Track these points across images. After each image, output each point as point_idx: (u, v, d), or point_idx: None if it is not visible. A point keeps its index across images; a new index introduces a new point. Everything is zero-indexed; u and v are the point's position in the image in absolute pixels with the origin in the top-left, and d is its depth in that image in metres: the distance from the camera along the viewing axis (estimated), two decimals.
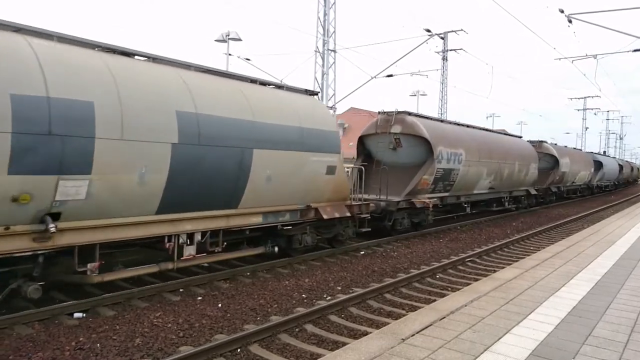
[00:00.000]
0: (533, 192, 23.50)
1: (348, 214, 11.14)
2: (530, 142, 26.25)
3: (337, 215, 10.72)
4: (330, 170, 10.45)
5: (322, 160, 10.22)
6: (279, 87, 10.34)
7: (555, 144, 29.88)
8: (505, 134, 22.43)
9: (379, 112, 15.45)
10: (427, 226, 15.19)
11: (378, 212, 12.96)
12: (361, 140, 15.68)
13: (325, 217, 10.36)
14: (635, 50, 20.70)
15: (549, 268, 7.92)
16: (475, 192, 17.87)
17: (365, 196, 13.18)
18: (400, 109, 15.05)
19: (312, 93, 11.18)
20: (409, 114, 15.01)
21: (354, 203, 11.71)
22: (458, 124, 17.90)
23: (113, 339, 5.84)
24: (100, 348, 5.55)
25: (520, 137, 24.40)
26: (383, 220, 13.36)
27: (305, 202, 10.06)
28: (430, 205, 14.39)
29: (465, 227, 17.18)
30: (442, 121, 16.88)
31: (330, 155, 10.45)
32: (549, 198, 27.17)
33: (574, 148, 35.94)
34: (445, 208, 18.18)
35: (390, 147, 14.71)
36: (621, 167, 50.11)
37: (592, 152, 41.98)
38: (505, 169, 19.40)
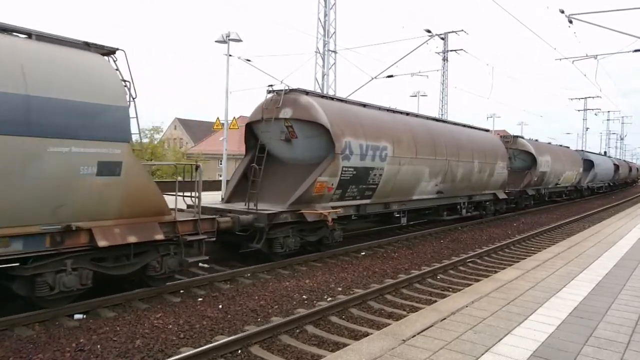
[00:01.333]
0: (502, 196, 19.73)
1: (159, 237, 7.38)
2: (504, 137, 23.68)
3: (132, 239, 7.05)
4: (108, 168, 6.70)
5: (83, 153, 6.43)
6: (29, 35, 6.54)
7: (536, 140, 26.63)
8: (465, 125, 18.08)
9: (268, 91, 11.46)
10: (333, 246, 11.37)
11: (236, 229, 9.36)
12: (251, 130, 11.83)
13: (102, 244, 6.70)
14: (635, 51, 20.68)
15: (550, 269, 7.91)
16: (415, 197, 13.94)
17: (241, 206, 10.40)
18: (295, 86, 11.18)
19: (107, 52, 7.29)
20: (306, 92, 11.13)
21: (181, 219, 7.91)
22: (387, 110, 13.56)
23: (113, 340, 5.84)
24: (100, 349, 5.55)
25: (488, 130, 20.54)
26: (252, 240, 9.70)
27: (61, 221, 6.38)
28: (330, 219, 10.46)
29: (467, 227, 17.16)
30: (364, 105, 12.61)
31: (106, 145, 6.66)
32: (524, 203, 23.60)
33: (560, 145, 31.76)
34: (372, 219, 14.33)
35: (282, 137, 10.95)
36: (617, 167, 46.22)
37: (582, 150, 37.88)
38: (459, 169, 15.52)
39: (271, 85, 11.47)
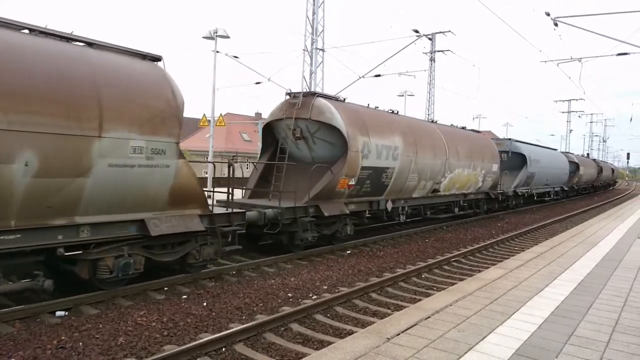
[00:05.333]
0: (160, 228, 7.46)
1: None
2: (292, 95, 11.89)
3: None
4: None
5: None
6: None
7: (383, 109, 14.02)
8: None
9: None
10: None
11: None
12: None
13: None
14: (619, 54, 21.01)
15: (533, 268, 8.00)
16: None
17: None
18: None
19: None
20: None
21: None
22: None
23: (96, 337, 5.76)
24: (82, 347, 5.47)
25: (158, 59, 8.07)
26: None
27: None
28: None
29: (451, 227, 17.29)
30: None
31: None
32: (306, 236, 10.69)
33: (463, 128, 19.59)
34: None
35: None
36: (576, 165, 34.64)
37: (509, 139, 25.06)
38: None
39: None
